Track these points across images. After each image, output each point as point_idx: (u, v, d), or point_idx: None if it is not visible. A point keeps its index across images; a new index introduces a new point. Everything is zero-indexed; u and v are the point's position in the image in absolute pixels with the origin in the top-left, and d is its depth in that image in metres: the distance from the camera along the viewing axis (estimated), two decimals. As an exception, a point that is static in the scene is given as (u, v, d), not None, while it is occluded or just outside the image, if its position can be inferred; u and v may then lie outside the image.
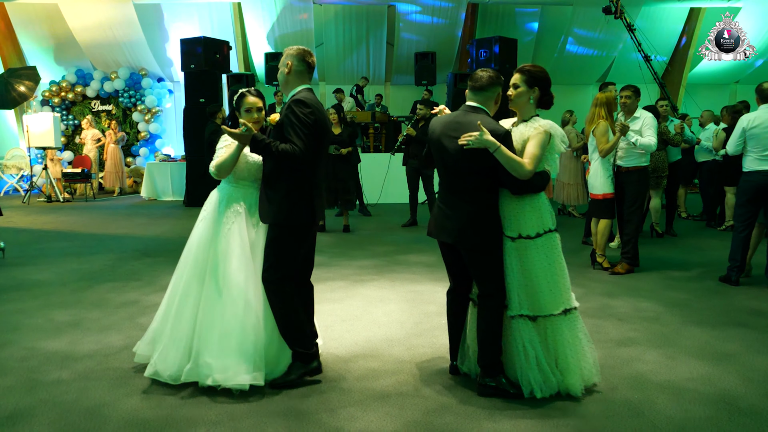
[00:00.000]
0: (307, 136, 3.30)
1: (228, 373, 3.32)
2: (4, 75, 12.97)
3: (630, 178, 6.05)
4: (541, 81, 3.33)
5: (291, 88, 3.51)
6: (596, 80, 16.95)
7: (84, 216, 10.88)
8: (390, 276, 6.11)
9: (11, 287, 5.75)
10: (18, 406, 3.25)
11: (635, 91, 6.12)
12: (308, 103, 3.34)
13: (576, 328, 3.35)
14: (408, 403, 3.25)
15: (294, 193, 3.40)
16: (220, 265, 3.46)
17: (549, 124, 3.28)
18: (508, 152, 3.12)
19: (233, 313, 3.41)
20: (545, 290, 3.27)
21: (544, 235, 3.28)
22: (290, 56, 3.51)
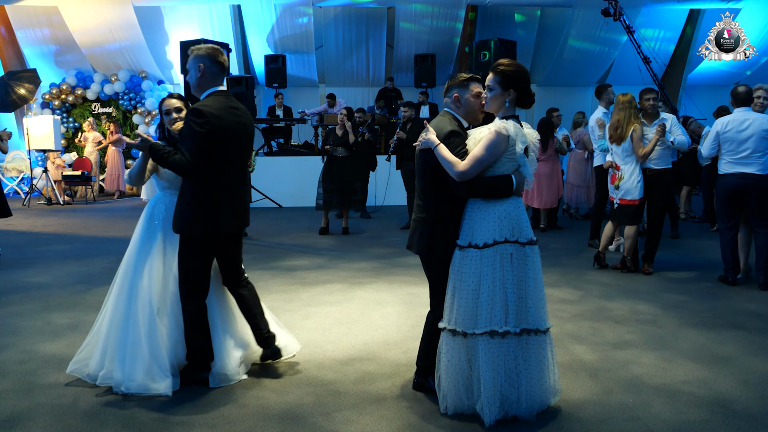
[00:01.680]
0: (198, 148, 3.19)
1: (134, 383, 3.38)
2: (3, 78, 12.99)
3: (662, 180, 6.08)
4: (518, 81, 3.08)
5: (203, 91, 3.40)
6: (596, 81, 16.96)
7: (84, 219, 10.90)
8: (388, 278, 6.12)
9: (10, 290, 5.76)
10: (15, 409, 3.26)
11: (656, 96, 6.14)
12: (204, 112, 3.21)
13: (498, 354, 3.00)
14: (403, 407, 3.26)
15: (196, 203, 3.34)
16: (140, 279, 3.53)
17: (503, 125, 3.02)
18: (444, 151, 3.05)
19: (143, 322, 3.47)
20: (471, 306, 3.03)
21: (493, 247, 3.01)
22: (201, 57, 3.36)
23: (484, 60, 12.71)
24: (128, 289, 3.53)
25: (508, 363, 3.01)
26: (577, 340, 4.27)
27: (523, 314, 3.04)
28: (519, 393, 3.02)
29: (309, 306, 5.18)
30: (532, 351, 3.06)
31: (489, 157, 3.01)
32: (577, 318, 4.79)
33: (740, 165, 5.63)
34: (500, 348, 3.00)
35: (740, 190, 5.66)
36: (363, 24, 15.47)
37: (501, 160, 3.06)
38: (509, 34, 14.78)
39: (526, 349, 3.05)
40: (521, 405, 3.03)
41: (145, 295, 3.50)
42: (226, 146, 3.33)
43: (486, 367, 2.99)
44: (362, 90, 16.18)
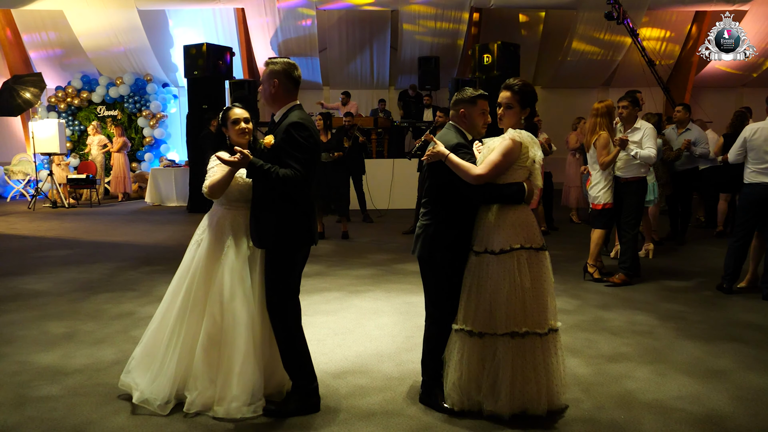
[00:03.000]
0: (308, 161, 3.20)
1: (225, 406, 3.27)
2: (9, 82, 13.08)
3: (628, 189, 6.01)
4: (532, 100, 3.32)
5: (280, 105, 3.34)
6: (601, 84, 16.90)
7: (87, 222, 10.95)
8: (386, 286, 6.11)
9: (8, 298, 5.79)
10: (6, 423, 3.27)
11: (633, 101, 6.03)
12: (306, 126, 3.21)
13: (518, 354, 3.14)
14: (392, 423, 3.24)
15: (289, 216, 3.29)
16: (217, 298, 3.37)
17: (516, 133, 3.20)
18: (456, 159, 3.17)
19: (232, 350, 3.32)
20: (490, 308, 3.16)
21: (509, 252, 3.15)
22: (276, 73, 3.30)
23: (487, 63, 12.67)
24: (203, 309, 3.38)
25: (526, 362, 3.15)
26: (572, 352, 4.24)
27: (543, 315, 3.20)
28: (539, 389, 3.16)
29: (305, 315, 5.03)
30: (549, 348, 3.22)
31: (504, 162, 3.17)
32: (573, 329, 4.75)
33: (765, 175, 5.53)
34: (520, 348, 3.14)
35: (765, 202, 5.55)
36: (367, 27, 15.49)
37: (513, 168, 3.21)
38: (513, 37, 14.75)
39: (546, 347, 3.20)
40: (541, 401, 3.16)
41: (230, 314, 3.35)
42: (318, 160, 3.39)
43: (506, 366, 3.13)
44: (366, 92, 16.17)
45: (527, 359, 3.14)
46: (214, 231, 3.49)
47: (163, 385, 3.36)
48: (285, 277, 3.34)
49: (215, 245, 3.45)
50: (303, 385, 3.38)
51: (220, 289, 3.38)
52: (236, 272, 3.41)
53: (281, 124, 3.27)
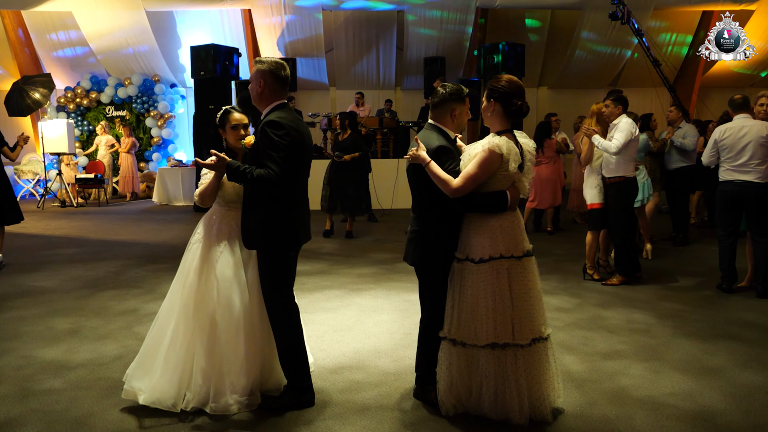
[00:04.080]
0: (283, 159, 3.15)
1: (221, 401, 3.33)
2: (19, 83, 13.24)
3: (610, 190, 6.01)
4: (500, 95, 3.14)
5: (266, 104, 3.36)
6: (608, 84, 16.86)
7: (95, 221, 11.08)
8: (387, 285, 6.16)
9: (16, 294, 5.89)
10: (9, 415, 3.35)
11: (616, 99, 5.98)
12: (282, 124, 3.20)
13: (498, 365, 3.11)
14: (387, 417, 3.29)
15: (274, 217, 3.29)
16: (213, 297, 3.41)
17: (496, 143, 3.06)
18: (435, 169, 3.10)
19: (228, 348, 3.37)
20: (470, 318, 3.13)
21: (489, 262, 3.09)
22: (263, 73, 3.32)
23: (493, 63, 12.70)
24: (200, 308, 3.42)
25: (507, 372, 3.10)
26: (568, 349, 4.28)
27: (528, 325, 3.13)
28: (521, 400, 3.11)
29: (306, 313, 5.17)
30: (537, 358, 3.16)
31: (482, 174, 3.07)
32: (570, 327, 4.79)
33: (738, 172, 5.60)
34: (502, 359, 3.10)
35: (739, 198, 5.63)
36: (373, 27, 15.54)
37: (496, 176, 3.11)
38: (519, 37, 14.76)
39: (531, 357, 3.14)
40: (523, 412, 3.12)
41: (238, 313, 3.41)
42: (301, 158, 3.32)
43: (488, 377, 3.11)
44: (372, 93, 16.22)
45: (508, 371, 3.09)
46: (211, 231, 3.53)
47: (167, 385, 3.35)
48: (276, 276, 3.35)
49: (212, 245, 3.49)
50: (298, 382, 3.42)
51: (216, 287, 3.42)
52: (232, 271, 3.45)
53: (260, 123, 3.29)
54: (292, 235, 3.35)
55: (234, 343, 3.38)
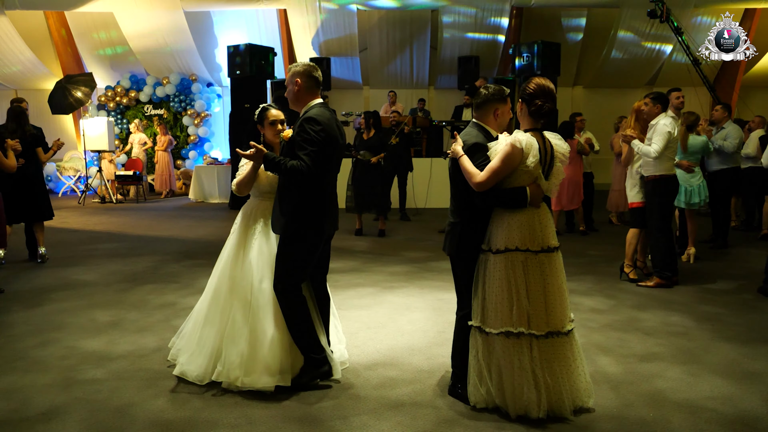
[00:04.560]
0: (316, 153, 3.40)
1: (253, 376, 3.53)
2: (62, 81, 13.60)
3: (647, 188, 5.95)
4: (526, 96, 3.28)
5: (303, 104, 3.63)
6: (645, 83, 16.58)
7: (133, 217, 11.32)
8: (419, 283, 6.18)
9: (59, 287, 6.06)
10: (53, 403, 3.47)
11: (655, 98, 5.90)
12: (319, 120, 3.44)
13: (514, 353, 3.17)
14: (421, 413, 3.31)
15: (303, 207, 3.53)
16: (247, 279, 3.66)
17: (517, 138, 3.17)
18: (465, 163, 3.24)
19: (258, 327, 3.59)
20: (488, 306, 3.24)
21: (505, 253, 3.20)
22: (298, 74, 3.60)
23: (527, 62, 12.61)
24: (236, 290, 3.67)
25: (523, 362, 3.16)
26: (603, 351, 4.24)
27: (543, 317, 3.18)
28: (539, 392, 3.14)
29: (339, 309, 5.22)
30: (555, 352, 3.20)
31: (504, 168, 3.17)
32: (605, 328, 4.74)
33: None
34: (517, 347, 3.16)
35: None
36: (407, 26, 15.55)
37: (517, 172, 3.20)
38: (555, 36, 14.61)
39: (550, 350, 3.18)
40: (541, 405, 3.14)
41: (257, 295, 3.63)
42: (333, 154, 3.56)
43: (504, 364, 3.19)
44: (406, 92, 16.22)
45: (525, 362, 3.15)
46: (245, 219, 3.82)
47: (200, 361, 3.67)
48: (291, 265, 3.56)
49: (245, 232, 3.77)
50: (313, 357, 3.63)
51: (249, 272, 3.66)
52: (264, 257, 3.69)
53: (299, 119, 3.53)
54: (318, 224, 3.57)
55: (264, 324, 3.59)
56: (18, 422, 3.24)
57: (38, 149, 7.05)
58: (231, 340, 3.62)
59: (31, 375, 3.87)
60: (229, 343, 3.62)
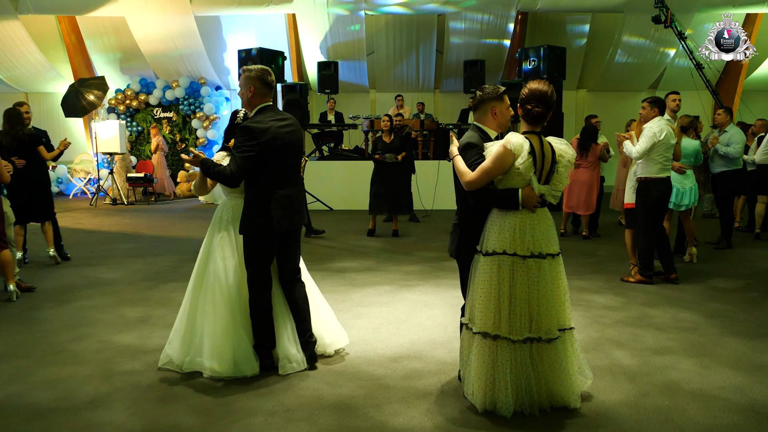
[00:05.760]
0: (243, 159, 3.64)
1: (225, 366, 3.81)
2: (75, 85, 13.78)
3: (637, 190, 6.20)
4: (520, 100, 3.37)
5: (253, 107, 3.86)
6: (648, 87, 16.78)
7: (147, 219, 11.50)
8: (435, 281, 6.35)
9: (85, 285, 6.24)
10: (97, 392, 3.64)
11: (653, 102, 6.09)
12: (253, 129, 3.67)
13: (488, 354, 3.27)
14: (448, 402, 3.49)
15: (252, 206, 3.80)
16: (214, 273, 3.94)
17: (509, 139, 3.23)
18: (457, 162, 3.38)
19: (226, 316, 3.88)
20: (478, 307, 3.32)
21: (493, 256, 3.27)
22: (251, 79, 3.81)
23: (533, 66, 12.79)
24: (208, 284, 3.94)
25: (497, 363, 3.25)
26: (618, 345, 4.42)
27: (525, 323, 3.24)
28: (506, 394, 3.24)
29: (359, 306, 5.46)
30: (539, 357, 3.28)
31: (494, 168, 3.25)
32: (618, 324, 4.92)
33: None
34: (492, 350, 3.26)
35: None
36: (413, 30, 15.75)
37: (510, 173, 3.27)
38: (559, 40, 14.80)
39: (529, 354, 3.26)
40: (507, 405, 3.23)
41: (224, 287, 3.90)
42: (276, 155, 3.76)
43: (476, 362, 3.31)
44: (412, 95, 16.42)
45: (498, 361, 3.23)
46: (216, 217, 4.12)
47: (176, 350, 3.98)
48: (250, 261, 3.85)
49: (214, 228, 4.06)
50: (260, 348, 3.93)
51: (216, 267, 3.94)
52: (228, 250, 3.96)
53: None
54: (266, 222, 3.79)
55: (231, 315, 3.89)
56: (66, 410, 3.42)
57: (40, 148, 7.04)
58: (202, 334, 3.90)
59: (71, 367, 4.04)
60: (206, 336, 3.88)
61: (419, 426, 3.21)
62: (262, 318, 3.90)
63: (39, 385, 3.75)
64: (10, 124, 6.73)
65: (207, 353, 3.84)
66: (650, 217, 6.08)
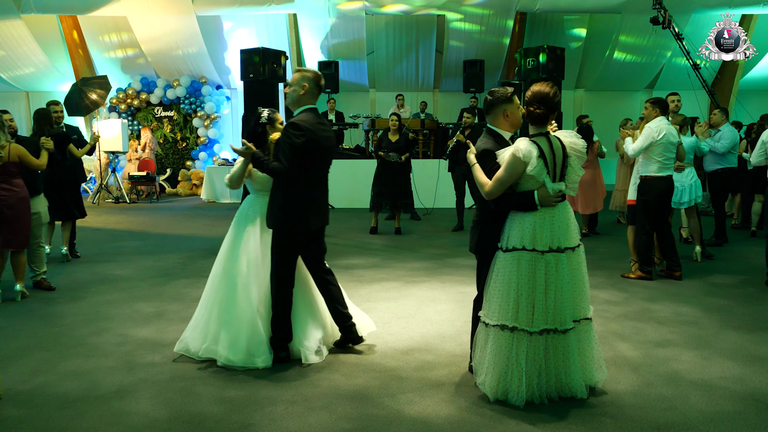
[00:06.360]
0: (294, 155, 3.78)
1: (238, 356, 3.97)
2: (78, 84, 13.87)
3: (638, 187, 6.39)
4: (525, 102, 3.57)
5: (298, 107, 4.00)
6: (644, 87, 16.98)
7: (151, 217, 11.62)
8: (440, 278, 6.50)
9: (97, 281, 6.36)
10: (122, 383, 3.77)
11: (653, 103, 6.28)
12: (301, 126, 3.82)
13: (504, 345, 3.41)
14: (460, 392, 3.64)
15: (287, 205, 3.93)
16: (238, 269, 4.10)
17: (518, 147, 3.36)
18: (476, 171, 3.53)
19: (244, 311, 4.04)
20: (496, 301, 3.45)
21: (513, 252, 3.42)
22: (307, 78, 3.99)
23: (532, 66, 12.94)
24: (229, 276, 4.10)
25: (512, 354, 3.39)
26: (621, 338, 4.57)
27: (541, 315, 3.39)
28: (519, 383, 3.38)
29: (368, 302, 5.59)
30: (552, 348, 3.43)
31: (508, 176, 3.41)
32: (621, 318, 5.07)
33: None
34: (508, 340, 3.40)
35: None
36: (413, 30, 15.90)
37: (524, 177, 3.42)
38: (558, 40, 14.97)
39: (544, 345, 3.42)
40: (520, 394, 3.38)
41: (245, 281, 4.06)
42: (315, 156, 3.93)
43: (491, 353, 3.45)
44: (411, 95, 16.56)
45: (513, 353, 3.38)
46: (241, 214, 4.27)
47: (194, 339, 4.15)
48: (280, 257, 4.00)
49: (240, 226, 4.21)
50: (277, 341, 4.07)
51: (243, 262, 4.10)
52: (256, 247, 4.13)
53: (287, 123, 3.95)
54: (302, 220, 3.96)
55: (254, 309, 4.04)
56: (94, 399, 3.55)
57: (70, 147, 7.19)
58: (220, 323, 4.06)
59: (94, 359, 4.18)
60: (217, 325, 4.06)
61: (434, 414, 3.36)
62: (283, 312, 4.04)
63: (65, 376, 3.88)
64: (38, 124, 6.81)
65: (223, 342, 4.00)
66: (649, 214, 6.24)
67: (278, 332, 4.07)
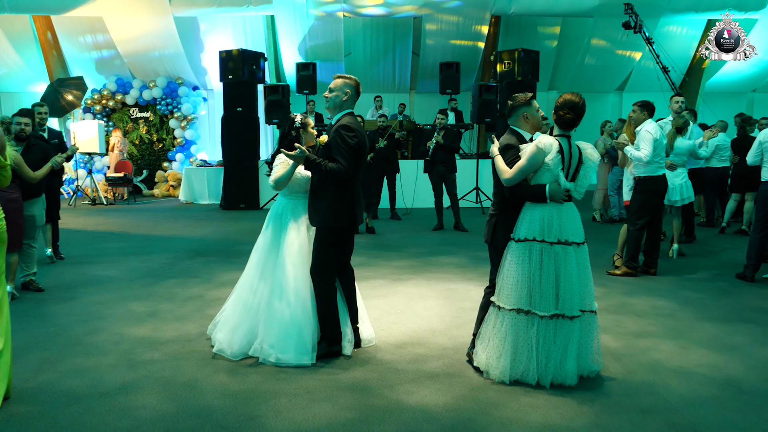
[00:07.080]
0: (350, 155, 3.99)
1: (288, 354, 4.06)
2: (54, 84, 13.72)
3: (633, 187, 6.65)
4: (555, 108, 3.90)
5: (339, 111, 4.20)
6: (615, 89, 17.41)
7: (130, 218, 11.57)
8: (426, 275, 6.67)
9: (85, 282, 6.39)
10: (125, 380, 3.85)
11: (641, 106, 6.55)
12: (353, 128, 4.03)
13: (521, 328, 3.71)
14: (455, 382, 3.81)
15: (337, 203, 4.09)
16: (281, 269, 4.20)
17: (540, 139, 3.72)
18: (498, 161, 3.84)
19: (292, 309, 4.13)
20: (509, 287, 3.74)
21: (524, 242, 3.73)
22: (350, 85, 4.21)
23: (509, 68, 13.22)
24: (275, 277, 4.19)
25: (527, 336, 3.69)
26: (603, 330, 4.77)
27: (552, 301, 3.69)
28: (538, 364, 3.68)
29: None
30: (561, 332, 3.71)
31: (529, 166, 3.73)
32: (601, 312, 5.25)
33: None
34: (522, 323, 3.70)
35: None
36: (390, 32, 16.07)
37: (541, 170, 3.75)
38: (532, 43, 15.26)
39: (553, 329, 3.70)
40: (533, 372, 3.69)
41: (291, 282, 4.15)
42: (362, 156, 4.14)
43: (510, 336, 3.72)
44: (389, 96, 16.72)
45: (528, 334, 3.69)
46: (276, 217, 4.38)
47: (237, 340, 4.21)
48: (326, 254, 4.15)
49: (278, 228, 4.32)
50: (329, 336, 4.20)
51: (284, 263, 4.20)
52: (295, 248, 4.24)
53: (335, 126, 4.10)
54: (352, 217, 4.16)
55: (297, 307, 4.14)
56: (99, 395, 3.63)
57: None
58: (267, 323, 4.13)
59: (94, 357, 4.24)
60: (265, 325, 4.14)
61: (432, 402, 3.52)
62: (329, 306, 4.18)
63: (67, 374, 3.94)
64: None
65: (275, 343, 4.07)
66: (641, 212, 6.53)
67: (330, 325, 4.19)
